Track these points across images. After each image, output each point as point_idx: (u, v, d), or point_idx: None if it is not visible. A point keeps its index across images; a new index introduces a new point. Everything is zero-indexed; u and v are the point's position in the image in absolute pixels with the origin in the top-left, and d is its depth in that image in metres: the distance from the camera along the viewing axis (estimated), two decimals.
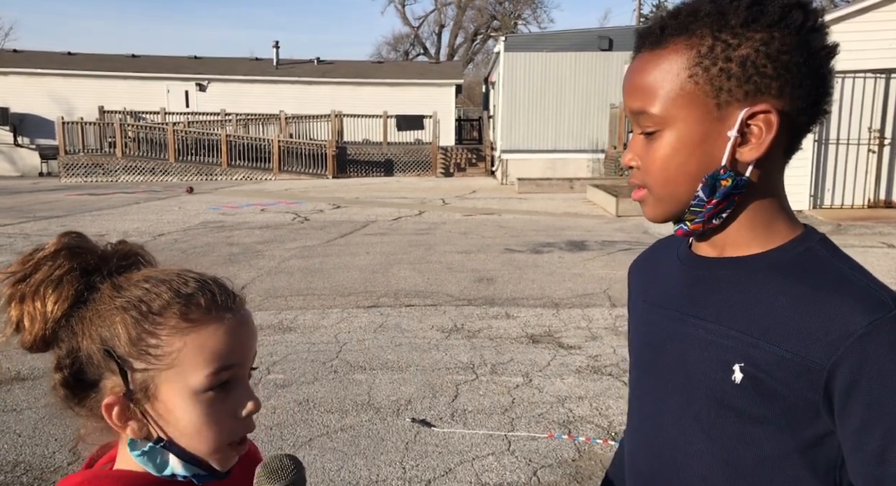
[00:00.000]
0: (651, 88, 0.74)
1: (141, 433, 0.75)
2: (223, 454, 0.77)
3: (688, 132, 0.74)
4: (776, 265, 0.75)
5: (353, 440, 3.27)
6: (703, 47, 0.71)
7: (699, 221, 0.77)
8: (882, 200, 10.67)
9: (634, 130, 0.79)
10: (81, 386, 0.76)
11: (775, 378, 0.70)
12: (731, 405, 0.74)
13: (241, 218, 11.62)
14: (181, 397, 0.74)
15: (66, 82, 23.91)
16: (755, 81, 0.70)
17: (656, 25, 0.76)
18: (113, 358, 0.73)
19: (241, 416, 0.77)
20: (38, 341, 0.76)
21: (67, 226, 11.24)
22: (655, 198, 0.78)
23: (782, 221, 0.78)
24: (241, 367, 0.78)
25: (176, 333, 0.74)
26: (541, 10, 50.37)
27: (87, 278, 0.76)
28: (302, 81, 24.93)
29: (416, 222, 11.05)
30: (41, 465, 3.06)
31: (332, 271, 7.21)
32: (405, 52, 45.01)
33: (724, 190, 0.74)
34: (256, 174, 20.89)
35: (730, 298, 0.77)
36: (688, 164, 0.75)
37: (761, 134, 0.72)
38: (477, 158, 23.17)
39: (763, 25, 0.70)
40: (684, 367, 0.79)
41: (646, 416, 0.87)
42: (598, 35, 18.44)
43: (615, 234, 9.48)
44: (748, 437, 0.74)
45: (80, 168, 20.53)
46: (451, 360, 4.42)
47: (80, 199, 15.02)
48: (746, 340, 0.73)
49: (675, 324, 0.82)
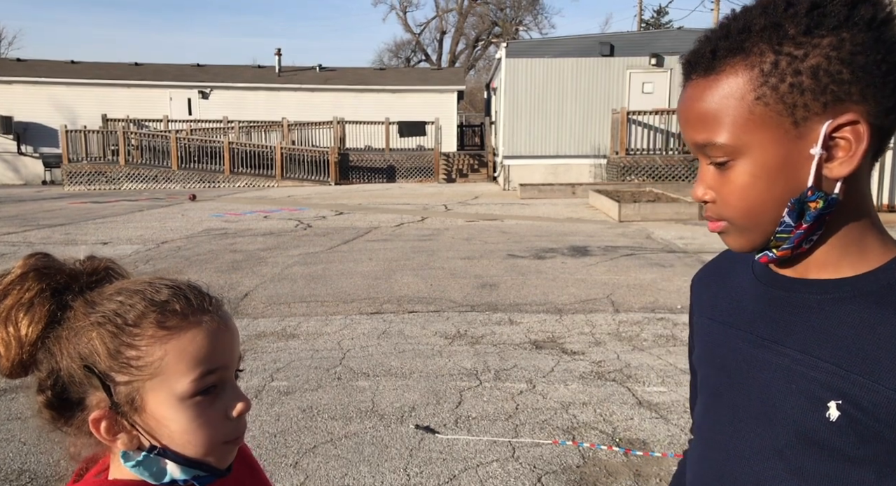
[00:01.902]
0: (714, 117, 0.68)
1: (132, 444, 0.75)
2: (220, 452, 0.77)
3: (765, 157, 0.67)
4: (872, 291, 0.68)
5: (357, 447, 3.27)
6: (765, 65, 0.65)
7: (787, 248, 0.71)
8: (885, 205, 10.65)
9: (702, 161, 0.72)
10: (66, 406, 0.75)
11: (879, 420, 0.64)
12: (824, 443, 0.67)
13: (244, 225, 11.65)
14: (168, 404, 0.74)
15: (69, 91, 24.03)
16: (832, 91, 0.64)
17: (705, 49, 0.69)
18: (94, 374, 0.72)
19: (233, 417, 0.77)
20: (17, 367, 0.75)
21: (71, 234, 11.27)
22: (738, 229, 0.72)
23: (876, 240, 0.70)
24: (226, 369, 0.77)
25: (155, 342, 0.73)
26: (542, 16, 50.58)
27: (58, 297, 0.75)
28: (304, 88, 25.02)
29: (419, 229, 11.06)
30: (46, 473, 3.07)
31: (335, 277, 7.22)
32: (407, 59, 45.15)
33: (815, 213, 0.67)
34: (259, 181, 20.94)
35: (817, 325, 0.70)
36: (771, 190, 0.68)
37: (850, 147, 0.65)
38: (479, 164, 23.20)
39: (828, 29, 0.63)
40: (767, 397, 0.73)
41: (717, 445, 0.79)
42: (599, 41, 18.48)
43: (618, 239, 9.48)
44: (844, 479, 0.67)
45: (83, 176, 20.60)
46: (455, 366, 4.42)
47: (83, 207, 15.07)
48: (841, 374, 0.66)
49: (754, 349, 0.75)
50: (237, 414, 0.77)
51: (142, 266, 8.01)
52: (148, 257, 8.58)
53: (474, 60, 44.56)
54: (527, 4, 43.07)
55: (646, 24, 34.57)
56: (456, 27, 43.99)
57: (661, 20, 35.52)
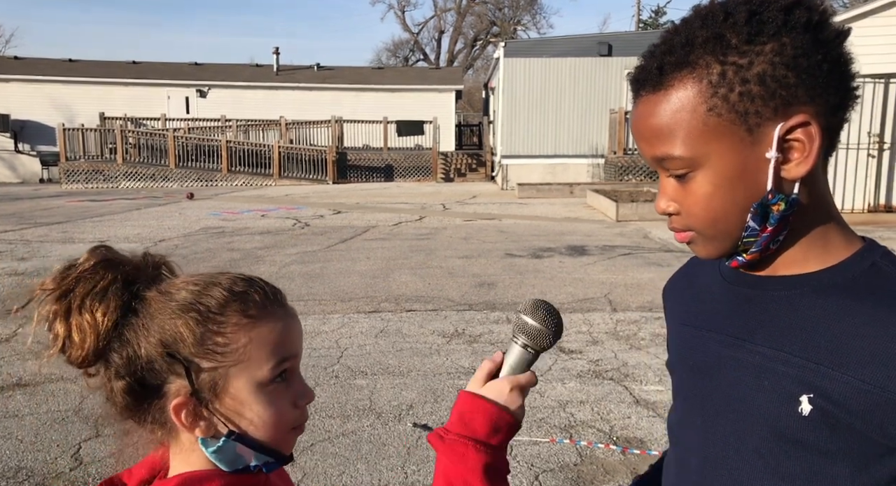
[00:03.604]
0: (669, 132, 0.69)
1: (209, 431, 0.77)
2: (287, 439, 0.81)
3: (724, 166, 0.68)
4: (838, 284, 0.69)
5: (354, 445, 3.27)
6: (713, 76, 0.66)
7: (756, 251, 0.72)
8: (882, 205, 10.68)
9: (661, 174, 0.73)
10: (145, 392, 0.76)
11: (849, 411, 0.64)
12: (798, 439, 0.68)
13: (241, 224, 11.64)
14: (249, 390, 0.76)
15: (66, 89, 23.98)
16: (781, 95, 0.65)
17: (651, 65, 0.70)
18: (178, 360, 0.74)
19: (301, 405, 0.81)
20: (91, 355, 0.76)
21: (68, 232, 11.25)
22: (706, 238, 0.73)
23: (838, 234, 0.72)
24: (296, 358, 0.81)
25: (239, 329, 0.76)
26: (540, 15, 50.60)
27: (129, 287, 0.77)
28: (302, 86, 24.99)
29: (417, 228, 11.06)
30: (43, 471, 3.06)
31: (332, 276, 7.22)
32: (405, 58, 45.14)
33: (778, 215, 0.69)
34: (257, 180, 20.92)
35: (786, 320, 0.70)
36: (733, 198, 0.69)
37: (804, 147, 0.67)
38: (477, 164, 23.21)
39: (768, 35, 0.65)
40: (739, 396, 0.73)
41: (692, 448, 0.79)
42: (597, 41, 18.50)
43: (615, 239, 9.49)
44: (820, 473, 0.67)
45: (80, 174, 20.56)
46: (453, 365, 4.42)
47: (80, 205, 15.04)
48: (811, 367, 0.67)
49: (725, 349, 0.75)
50: (305, 403, 0.82)
51: None
52: None
53: (472, 60, 44.56)
54: (525, 4, 43.09)
55: (644, 24, 34.60)
56: (454, 26, 44.01)
57: (660, 20, 35.57)
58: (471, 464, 0.75)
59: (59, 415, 3.66)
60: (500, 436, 0.78)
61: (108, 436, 3.42)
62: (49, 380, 4.23)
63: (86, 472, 3.05)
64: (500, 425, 0.77)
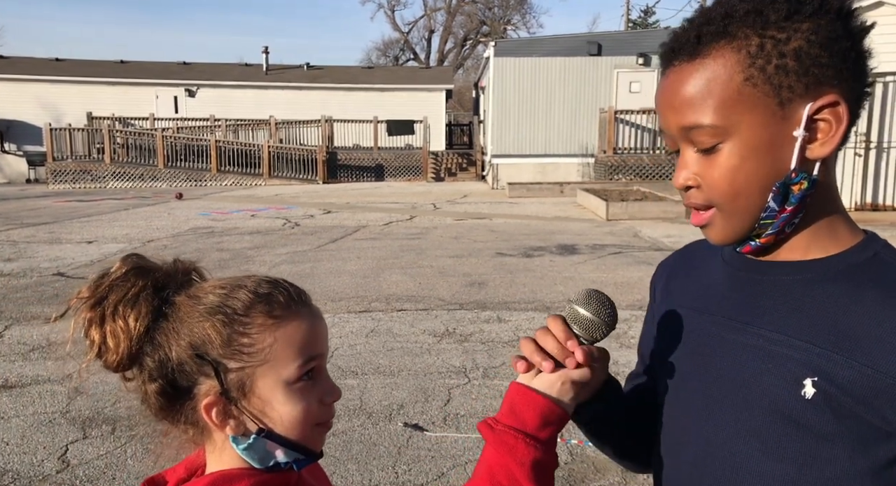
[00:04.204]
0: (702, 100, 0.69)
1: (239, 429, 0.79)
2: (315, 435, 0.83)
3: (753, 138, 0.69)
4: (842, 272, 0.70)
5: (345, 446, 3.26)
6: (751, 47, 0.67)
7: (771, 233, 0.72)
8: (869, 203, 10.78)
9: (684, 149, 0.73)
10: (177, 394, 0.79)
11: (852, 395, 0.66)
12: (800, 421, 0.69)
13: (231, 224, 11.58)
14: (276, 389, 0.79)
15: (53, 88, 23.77)
16: (814, 73, 0.67)
17: (689, 35, 0.71)
18: (207, 361, 0.77)
19: (327, 402, 0.83)
20: (125, 359, 0.79)
21: (55, 233, 11.15)
22: (726, 215, 0.73)
23: (843, 224, 0.73)
24: (322, 357, 0.84)
25: (265, 330, 0.79)
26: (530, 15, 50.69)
27: (160, 293, 0.81)
28: (292, 86, 24.90)
29: (408, 227, 11.04)
30: (29, 473, 3.03)
31: (323, 276, 7.19)
32: (395, 58, 45.08)
33: (799, 194, 0.70)
34: (246, 180, 20.83)
35: (790, 305, 0.71)
36: (758, 172, 0.70)
37: (830, 128, 0.68)
38: (468, 163, 23.21)
39: (805, 15, 0.67)
40: (742, 379, 0.73)
41: (690, 431, 0.79)
42: (587, 40, 18.54)
43: (605, 237, 9.52)
44: (818, 456, 0.68)
45: (68, 175, 20.39)
46: (444, 364, 4.41)
47: (68, 205, 14.92)
48: (817, 351, 0.68)
49: (726, 332, 0.76)
50: (331, 401, 0.84)
51: None
52: None
53: (463, 59, 44.57)
54: (515, 3, 43.15)
55: (633, 23, 34.70)
56: (444, 26, 44.01)
57: (649, 20, 35.70)
58: (519, 457, 0.75)
59: (46, 417, 3.63)
60: (550, 429, 0.77)
61: (96, 438, 3.40)
62: (35, 382, 4.19)
63: (73, 474, 3.02)
64: (552, 418, 0.77)
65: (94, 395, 3.88)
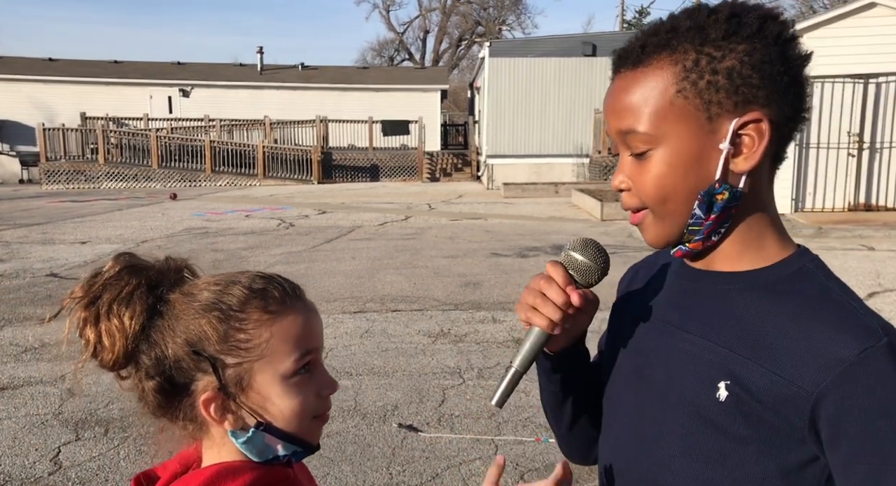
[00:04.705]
0: (639, 107, 0.73)
1: (237, 424, 0.80)
2: (312, 427, 0.84)
3: (681, 148, 0.73)
4: (767, 284, 0.74)
5: (339, 447, 3.25)
6: (687, 62, 0.71)
7: (699, 239, 0.76)
8: (862, 203, 10.82)
9: (622, 152, 0.78)
10: (175, 390, 0.80)
11: (760, 401, 0.69)
12: (714, 422, 0.72)
13: (225, 224, 11.55)
14: (273, 383, 0.80)
15: (47, 88, 23.65)
16: (743, 92, 0.71)
17: (636, 44, 0.75)
18: (204, 358, 0.78)
19: (325, 395, 0.84)
20: (121, 358, 0.79)
21: (48, 233, 11.08)
22: (657, 218, 0.77)
23: (774, 238, 0.77)
24: (318, 350, 0.85)
25: (261, 325, 0.80)
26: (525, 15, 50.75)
27: (154, 291, 0.81)
28: (286, 86, 24.85)
29: (403, 227, 11.04)
30: (21, 475, 3.02)
31: (317, 276, 7.18)
32: (390, 58, 45.05)
33: (721, 204, 0.73)
34: (241, 180, 20.77)
35: (718, 313, 0.76)
36: (684, 181, 0.73)
37: (753, 144, 0.72)
38: (463, 163, 23.21)
39: (743, 37, 0.71)
40: (669, 380, 0.78)
41: (625, 426, 0.84)
42: (581, 41, 18.57)
43: (600, 238, 9.45)
44: (731, 457, 0.72)
45: (61, 175, 20.29)
46: (438, 365, 4.41)
47: (61, 206, 14.85)
48: (733, 357, 0.72)
49: (663, 336, 0.80)
50: (328, 394, 0.85)
51: None
52: None
53: (458, 60, 44.57)
54: (510, 4, 43.18)
55: (628, 24, 34.78)
56: (439, 26, 43.98)
57: (643, 20, 35.80)
58: None
59: (38, 419, 3.61)
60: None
61: (89, 440, 3.38)
62: (28, 383, 4.17)
63: (65, 476, 3.01)
64: None
65: (86, 397, 3.86)
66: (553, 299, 0.78)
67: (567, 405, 0.93)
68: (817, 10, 20.62)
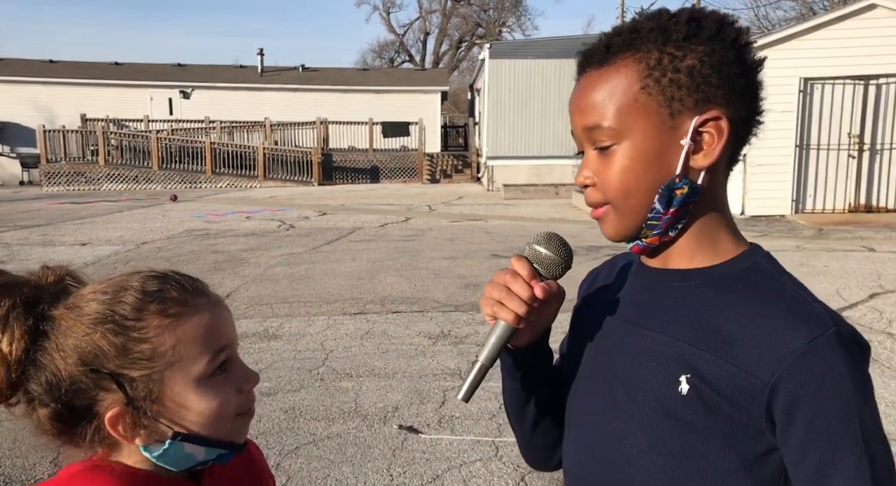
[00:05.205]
0: (605, 103, 0.76)
1: (151, 438, 0.74)
2: (236, 426, 0.79)
3: (643, 142, 0.76)
4: (721, 279, 0.77)
5: (339, 448, 3.25)
6: (651, 60, 0.74)
7: (656, 234, 0.78)
8: (862, 205, 10.82)
9: (587, 149, 0.80)
10: (75, 415, 0.73)
11: (720, 393, 0.71)
12: (678, 416, 0.74)
13: (225, 226, 11.55)
14: (188, 388, 0.74)
15: (47, 90, 23.67)
16: (703, 90, 0.74)
17: (601, 44, 0.78)
18: (106, 375, 0.71)
19: (246, 390, 0.79)
20: (5, 388, 0.72)
21: (49, 235, 11.10)
22: (618, 212, 0.79)
23: (727, 236, 0.80)
24: (232, 346, 0.79)
25: (163, 331, 0.73)
26: (525, 17, 50.69)
27: (33, 310, 0.73)
28: (287, 88, 24.87)
29: (403, 229, 11.04)
30: (21, 477, 3.01)
31: (318, 278, 7.18)
32: (390, 60, 45.08)
33: (680, 198, 0.76)
34: (241, 182, 20.78)
35: (676, 309, 0.78)
36: (646, 175, 0.76)
37: (713, 141, 0.75)
38: (463, 165, 23.22)
39: (702, 39, 0.74)
40: (632, 377, 0.79)
41: (591, 426, 0.85)
42: (582, 42, 17.70)
43: (600, 239, 9.53)
44: (695, 450, 0.73)
45: (61, 177, 20.30)
46: (439, 366, 4.41)
47: (62, 207, 14.85)
48: (691, 351, 0.74)
49: (623, 334, 0.82)
50: (249, 388, 0.80)
51: (122, 267, 7.91)
52: (128, 258, 8.48)
53: (458, 61, 44.59)
54: (510, 6, 43.20)
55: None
56: (439, 28, 44.01)
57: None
58: None
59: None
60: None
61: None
62: None
63: None
64: None
65: None
66: (518, 293, 0.79)
67: (530, 405, 0.93)
68: (817, 12, 20.62)
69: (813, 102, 10.63)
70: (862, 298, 5.94)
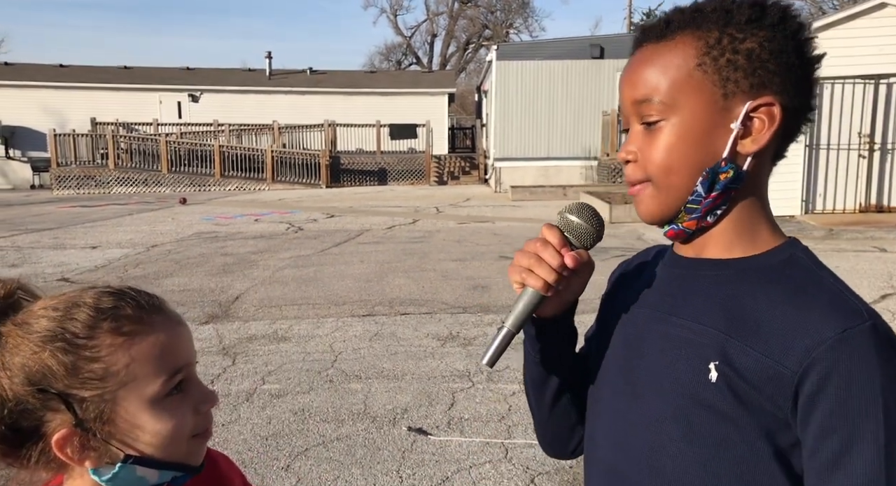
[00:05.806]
0: (658, 77, 0.75)
1: (101, 460, 0.71)
2: (192, 448, 0.76)
3: (693, 120, 0.74)
4: (758, 269, 0.76)
5: (349, 450, 3.25)
6: (710, 39, 0.73)
7: (694, 218, 0.77)
8: (873, 205, 10.74)
9: (633, 125, 0.79)
10: (20, 437, 0.70)
11: (749, 381, 0.70)
12: (708, 404, 0.73)
13: (234, 228, 11.60)
14: (142, 409, 0.71)
15: (57, 94, 23.86)
16: (760, 75, 0.73)
17: (661, 20, 0.78)
18: (54, 395, 0.68)
19: (203, 411, 0.76)
20: None
21: (59, 238, 11.19)
22: (656, 189, 0.77)
23: (766, 228, 0.78)
24: (189, 365, 0.76)
25: (116, 350, 0.70)
26: (532, 18, 50.60)
27: None
28: (295, 91, 24.96)
29: (411, 231, 11.04)
30: None
31: (326, 280, 7.20)
32: (398, 62, 45.15)
33: (723, 183, 0.74)
34: (250, 184, 20.86)
35: (709, 297, 0.77)
36: (691, 154, 0.75)
37: (763, 127, 0.74)
38: (470, 167, 23.21)
39: (765, 25, 0.73)
40: (663, 366, 0.78)
41: (615, 414, 0.84)
42: (589, 43, 18.54)
43: (609, 240, 9.50)
44: (728, 439, 0.72)
45: (72, 180, 20.45)
46: (447, 368, 4.41)
47: (72, 211, 14.96)
48: (722, 338, 0.73)
49: (655, 323, 0.81)
50: (206, 410, 0.76)
51: (131, 270, 7.96)
52: (138, 261, 8.53)
53: (465, 63, 44.62)
54: (517, 7, 43.19)
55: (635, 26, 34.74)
56: (446, 30, 44.06)
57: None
58: None
59: None
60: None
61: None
62: None
63: None
64: None
65: None
66: (548, 260, 0.78)
67: (550, 382, 0.92)
68: (826, 11, 20.51)
69: (823, 102, 10.57)
70: (874, 299, 5.89)
